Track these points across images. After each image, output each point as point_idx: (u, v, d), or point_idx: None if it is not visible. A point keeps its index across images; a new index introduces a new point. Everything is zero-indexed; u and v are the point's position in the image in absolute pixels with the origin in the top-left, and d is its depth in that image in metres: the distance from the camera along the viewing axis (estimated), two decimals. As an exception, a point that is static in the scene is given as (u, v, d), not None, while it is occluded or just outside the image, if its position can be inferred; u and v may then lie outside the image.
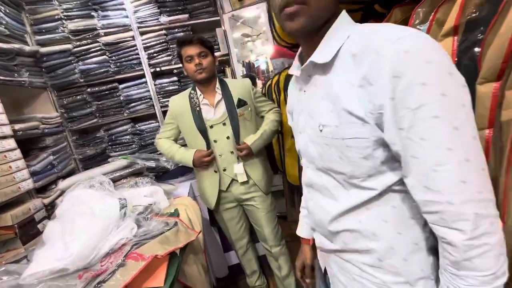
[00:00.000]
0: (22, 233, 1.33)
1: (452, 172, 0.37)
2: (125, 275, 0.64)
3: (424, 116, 0.37)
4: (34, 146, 1.71)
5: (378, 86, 0.39)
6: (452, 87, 0.37)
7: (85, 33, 1.88)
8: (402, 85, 0.37)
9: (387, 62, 0.38)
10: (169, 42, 2.02)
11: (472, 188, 0.37)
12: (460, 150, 0.37)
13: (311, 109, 0.52)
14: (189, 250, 0.88)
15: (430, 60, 0.36)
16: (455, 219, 0.38)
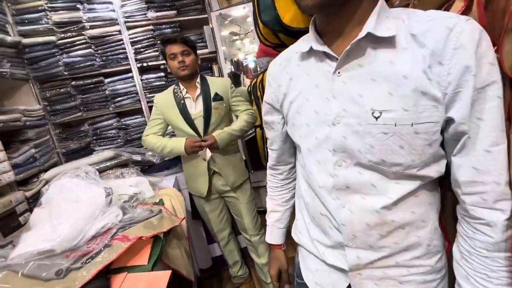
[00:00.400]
0: (2, 225, 1.33)
1: (503, 153, 0.38)
2: (112, 253, 0.68)
3: (490, 95, 0.37)
4: (15, 139, 1.68)
5: (454, 64, 0.38)
6: (496, 72, 0.38)
7: (70, 25, 1.86)
8: (482, 63, 0.37)
9: (466, 38, 0.37)
10: (156, 37, 2.03)
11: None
12: (504, 134, 0.38)
13: (356, 93, 0.45)
14: (173, 235, 0.94)
15: (490, 45, 0.38)
16: (498, 199, 0.39)
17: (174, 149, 1.33)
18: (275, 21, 1.13)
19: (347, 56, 0.45)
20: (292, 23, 1.05)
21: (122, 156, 1.30)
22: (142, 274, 0.67)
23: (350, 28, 0.45)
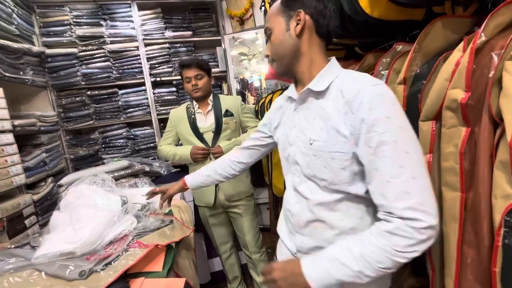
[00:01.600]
0: (9, 227, 1.34)
1: (400, 184, 0.50)
2: (130, 259, 0.72)
3: (386, 140, 0.51)
4: (27, 143, 1.74)
5: (358, 115, 0.53)
6: (407, 124, 0.53)
7: (92, 39, 1.98)
8: (374, 115, 0.51)
9: (366, 98, 0.53)
10: (171, 55, 2.16)
11: (414, 199, 0.49)
12: (408, 169, 0.50)
13: (303, 126, 0.65)
14: (182, 246, 0.97)
15: (394, 103, 0.53)
16: (394, 217, 0.52)
17: (182, 155, 1.43)
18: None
19: (302, 100, 0.67)
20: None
21: (135, 166, 1.35)
22: (159, 279, 0.71)
23: (304, 83, 0.66)
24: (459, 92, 0.53)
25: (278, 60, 0.67)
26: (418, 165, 0.51)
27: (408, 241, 0.49)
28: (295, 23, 0.62)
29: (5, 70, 1.48)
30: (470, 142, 0.54)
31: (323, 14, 0.62)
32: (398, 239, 0.50)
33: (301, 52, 0.64)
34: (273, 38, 0.65)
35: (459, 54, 0.53)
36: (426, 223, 0.48)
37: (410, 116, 0.67)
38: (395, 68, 0.72)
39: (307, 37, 0.63)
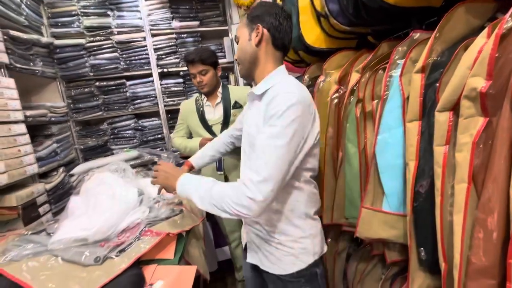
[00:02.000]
0: (24, 214, 1.39)
1: (256, 163, 0.66)
2: (142, 246, 0.74)
3: (267, 130, 0.67)
4: (39, 133, 1.77)
5: (267, 111, 0.69)
6: (291, 126, 0.66)
7: (99, 30, 1.97)
8: (271, 113, 0.67)
9: (275, 100, 0.68)
10: (178, 45, 2.14)
11: (258, 177, 0.64)
12: (268, 156, 0.65)
13: (249, 123, 0.82)
14: (192, 235, 0.99)
15: (290, 107, 0.66)
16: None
17: (192, 148, 1.45)
18: (297, 39, 1.22)
19: (251, 101, 0.84)
20: (315, 43, 1.14)
21: (144, 157, 1.37)
22: (171, 266, 0.72)
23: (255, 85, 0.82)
24: (479, 80, 0.51)
25: (241, 63, 0.82)
26: (277, 158, 0.64)
27: (237, 199, 0.64)
28: (255, 34, 0.76)
29: (16, 61, 1.49)
30: (486, 132, 0.53)
31: (278, 29, 0.77)
32: (233, 193, 0.65)
33: (258, 59, 0.79)
34: (239, 45, 0.81)
35: (483, 40, 0.51)
36: (252, 194, 0.63)
37: (427, 106, 0.65)
38: (412, 57, 0.69)
39: (263, 47, 0.77)
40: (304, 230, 0.80)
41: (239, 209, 0.64)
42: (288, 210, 0.78)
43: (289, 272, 0.80)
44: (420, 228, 0.72)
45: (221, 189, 0.68)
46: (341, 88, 1.05)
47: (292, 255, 0.79)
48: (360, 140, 0.95)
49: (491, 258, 0.49)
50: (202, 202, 0.69)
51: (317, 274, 0.83)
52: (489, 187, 0.51)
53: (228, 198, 0.65)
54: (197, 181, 0.73)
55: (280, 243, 0.80)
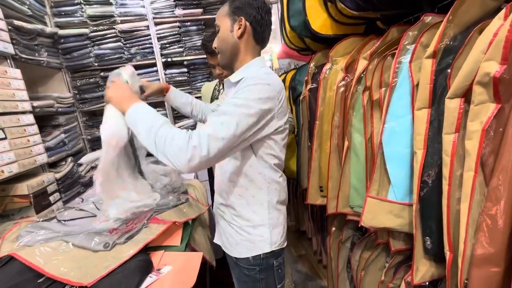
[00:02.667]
0: (36, 202, 1.43)
1: (213, 121, 0.66)
2: (149, 233, 0.76)
3: (233, 101, 0.68)
4: (47, 124, 1.79)
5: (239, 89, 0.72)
6: (253, 99, 0.67)
7: (102, 19, 1.95)
8: (242, 86, 0.70)
9: (241, 84, 0.71)
10: (182, 34, 2.11)
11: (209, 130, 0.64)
12: (226, 118, 0.66)
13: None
14: (198, 222, 1.01)
15: (255, 85, 0.69)
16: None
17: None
18: (303, 26, 1.19)
19: (228, 88, 0.86)
20: (321, 29, 1.11)
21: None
22: (178, 253, 0.74)
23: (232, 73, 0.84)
24: (493, 64, 0.49)
25: (222, 53, 0.82)
26: (234, 123, 0.65)
27: (181, 144, 0.62)
28: (237, 26, 0.77)
29: (22, 52, 1.50)
30: (497, 119, 0.51)
31: (260, 23, 0.78)
32: (179, 137, 0.64)
33: (239, 51, 0.80)
34: (220, 34, 0.80)
35: (499, 22, 0.48)
36: (198, 143, 0.62)
37: (437, 93, 0.63)
38: (423, 42, 0.67)
39: (245, 40, 0.79)
40: (263, 219, 0.81)
41: (179, 154, 0.62)
42: (250, 196, 0.80)
43: (243, 256, 0.82)
44: (426, 217, 0.71)
45: (170, 130, 0.65)
46: (348, 75, 1.02)
47: (249, 241, 0.81)
48: (367, 129, 0.93)
49: (497, 246, 0.48)
50: (147, 136, 0.66)
51: (273, 266, 0.84)
52: (498, 175, 0.50)
53: (172, 141, 0.63)
54: (151, 113, 0.70)
55: (240, 227, 0.82)
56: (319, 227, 1.72)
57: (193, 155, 0.62)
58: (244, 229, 0.81)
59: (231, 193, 0.81)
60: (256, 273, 0.83)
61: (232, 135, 0.64)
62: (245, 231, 0.81)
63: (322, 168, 1.22)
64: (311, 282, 1.80)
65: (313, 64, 1.28)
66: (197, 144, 0.62)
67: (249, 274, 0.83)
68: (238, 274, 0.87)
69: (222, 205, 0.87)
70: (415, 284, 0.76)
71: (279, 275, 0.86)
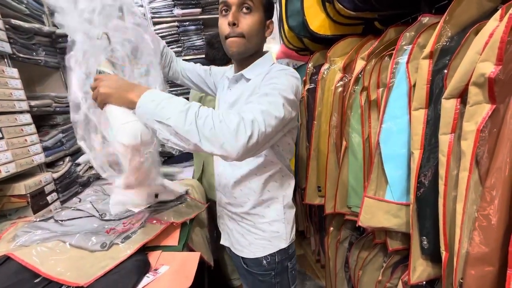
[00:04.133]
0: (33, 202, 1.42)
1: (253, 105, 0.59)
2: (147, 234, 0.76)
3: (265, 89, 0.63)
4: (44, 123, 1.79)
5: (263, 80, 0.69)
6: (289, 85, 0.65)
7: (100, 18, 1.95)
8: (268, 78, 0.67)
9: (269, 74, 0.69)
10: (180, 34, 2.11)
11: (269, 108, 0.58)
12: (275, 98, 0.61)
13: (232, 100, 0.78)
14: (196, 222, 1.01)
15: (287, 74, 0.68)
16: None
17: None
18: (302, 26, 1.19)
19: (235, 81, 0.81)
20: (319, 30, 1.11)
21: (148, 146, 1.39)
22: (175, 253, 0.74)
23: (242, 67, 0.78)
24: (488, 65, 0.49)
25: (248, 41, 0.72)
26: (279, 103, 0.60)
27: (236, 121, 0.53)
28: (268, 27, 0.76)
29: (19, 51, 1.49)
30: (492, 120, 0.51)
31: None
32: (229, 115, 0.54)
33: (260, 49, 0.78)
34: (255, 19, 0.71)
35: (495, 23, 0.48)
36: (253, 118, 0.55)
37: (434, 93, 0.64)
38: (420, 42, 0.67)
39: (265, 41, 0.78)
40: (279, 214, 0.79)
41: (237, 134, 0.52)
42: (265, 191, 0.77)
43: (258, 256, 0.79)
44: (422, 217, 0.72)
45: (211, 110, 0.55)
46: (345, 76, 1.03)
47: (264, 239, 0.78)
48: (364, 129, 0.94)
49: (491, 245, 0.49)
50: (183, 122, 0.52)
51: (288, 268, 0.82)
52: (493, 175, 0.50)
53: (222, 122, 0.52)
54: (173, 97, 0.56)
55: (253, 225, 0.79)
56: (317, 227, 1.73)
57: (253, 131, 0.53)
58: (258, 227, 0.78)
59: (243, 189, 0.77)
60: (272, 278, 0.80)
61: (281, 117, 0.59)
62: (259, 229, 0.78)
63: (320, 168, 1.22)
64: (310, 282, 1.81)
65: (311, 64, 1.28)
66: (253, 118, 0.54)
67: (264, 280, 0.81)
68: (252, 281, 0.84)
69: (229, 204, 0.82)
70: (412, 283, 0.76)
71: (292, 276, 0.85)
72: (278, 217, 0.79)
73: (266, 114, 0.56)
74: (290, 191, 0.82)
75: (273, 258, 0.79)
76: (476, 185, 0.53)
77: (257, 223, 0.79)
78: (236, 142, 0.52)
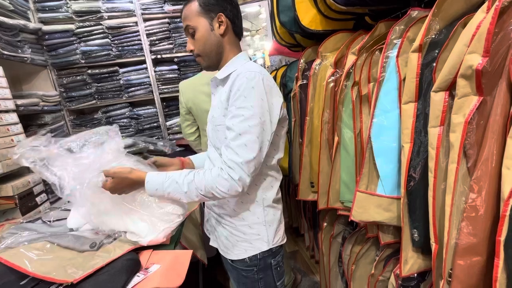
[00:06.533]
0: (21, 204, 1.39)
1: (231, 145, 0.68)
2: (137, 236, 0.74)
3: (238, 113, 0.67)
4: (32, 123, 1.74)
5: (231, 92, 0.69)
6: (259, 104, 0.67)
7: (88, 14, 1.90)
8: (237, 95, 0.68)
9: (237, 80, 0.69)
10: (171, 30, 2.08)
11: (245, 155, 0.67)
12: (244, 137, 0.67)
13: (213, 106, 0.83)
14: (189, 220, 1.00)
15: (253, 87, 0.67)
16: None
17: None
18: (293, 22, 1.18)
19: (215, 86, 0.84)
20: (310, 25, 1.10)
21: (139, 144, 1.36)
22: (167, 251, 0.73)
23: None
24: (476, 57, 0.49)
25: (205, 56, 0.78)
26: (255, 137, 0.67)
27: (225, 184, 0.67)
28: (217, 24, 0.74)
29: (3, 48, 1.45)
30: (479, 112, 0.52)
31: (236, 15, 0.77)
32: (219, 180, 0.67)
33: (224, 49, 0.78)
34: (199, 36, 0.75)
35: (482, 15, 0.49)
36: (238, 175, 0.66)
37: (423, 87, 0.64)
38: (409, 36, 0.67)
39: (227, 36, 0.77)
40: (259, 216, 0.79)
41: (229, 192, 0.67)
42: (245, 194, 0.78)
43: (240, 258, 0.80)
44: (413, 210, 0.72)
45: (205, 177, 0.69)
46: (337, 71, 1.02)
47: (245, 241, 0.79)
48: (356, 125, 0.94)
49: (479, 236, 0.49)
50: (188, 196, 0.70)
51: (271, 265, 0.83)
52: (480, 167, 0.51)
53: (216, 185, 0.67)
54: (169, 177, 0.71)
55: (234, 227, 0.80)
56: (311, 223, 1.73)
57: (243, 187, 0.68)
58: (239, 229, 0.79)
59: None
60: (254, 273, 0.81)
61: (258, 150, 0.67)
62: (240, 231, 0.79)
63: (312, 164, 1.22)
64: (304, 278, 1.82)
65: (303, 60, 1.27)
66: (237, 176, 0.66)
67: (247, 275, 0.82)
68: (236, 276, 0.85)
69: (214, 206, 0.84)
70: (404, 276, 0.77)
71: (278, 273, 0.85)
72: (258, 219, 0.79)
73: (244, 164, 0.66)
74: (271, 193, 0.81)
75: (254, 256, 0.80)
76: (464, 177, 0.53)
77: (238, 225, 0.80)
78: (232, 194, 0.68)
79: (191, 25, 0.74)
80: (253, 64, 0.76)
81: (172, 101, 2.21)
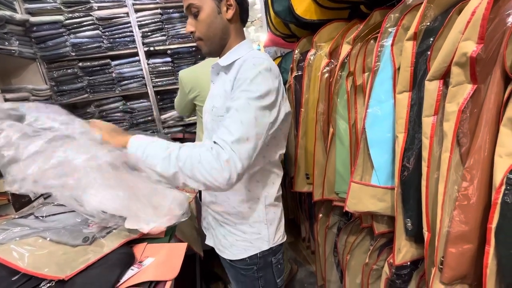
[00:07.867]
0: (14, 200, 1.38)
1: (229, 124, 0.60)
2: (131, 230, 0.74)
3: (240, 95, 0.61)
4: (23, 117, 1.71)
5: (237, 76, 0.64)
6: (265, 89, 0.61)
7: (78, 5, 1.85)
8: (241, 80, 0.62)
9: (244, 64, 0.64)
10: (164, 22, 2.03)
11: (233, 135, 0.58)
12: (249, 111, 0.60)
13: (213, 94, 0.76)
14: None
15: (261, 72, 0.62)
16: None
17: None
18: (287, 11, 1.16)
19: (216, 74, 0.79)
20: (305, 14, 1.08)
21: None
22: (161, 244, 0.73)
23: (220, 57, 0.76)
24: (470, 44, 0.49)
25: (208, 40, 0.72)
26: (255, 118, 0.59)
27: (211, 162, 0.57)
28: (225, 7, 0.69)
29: (-11, 40, 1.40)
30: (473, 100, 0.52)
31: (246, 0, 0.72)
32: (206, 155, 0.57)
33: (229, 35, 0.73)
34: (203, 17, 0.68)
35: (477, 1, 0.47)
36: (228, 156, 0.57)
37: (417, 76, 0.63)
38: (404, 24, 0.66)
39: (234, 21, 0.72)
40: (260, 215, 0.76)
41: (216, 174, 0.56)
42: (246, 190, 0.74)
43: (239, 258, 0.77)
44: (406, 199, 0.73)
45: (191, 151, 0.58)
46: (332, 61, 1.01)
47: (245, 240, 0.76)
48: (351, 115, 0.93)
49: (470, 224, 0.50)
50: (167, 166, 0.58)
51: (271, 263, 0.80)
52: (473, 155, 0.50)
53: (199, 163, 0.56)
54: (156, 140, 0.62)
55: (234, 226, 0.77)
56: (307, 215, 1.75)
57: (231, 173, 0.57)
58: (238, 228, 0.76)
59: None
60: (254, 272, 0.79)
61: (256, 133, 0.59)
62: (240, 230, 0.76)
63: (308, 156, 1.22)
64: (301, 268, 1.84)
65: (298, 51, 1.26)
66: (229, 157, 0.56)
67: (246, 274, 0.79)
68: (235, 274, 0.82)
69: (213, 203, 0.80)
70: (397, 264, 0.78)
71: (278, 270, 0.82)
72: (260, 218, 0.76)
73: (239, 146, 0.58)
74: (273, 190, 0.78)
75: (254, 255, 0.77)
76: (457, 166, 0.53)
77: (238, 223, 0.77)
78: (217, 180, 0.57)
79: (195, 4, 0.67)
80: (260, 52, 0.72)
81: (166, 94, 2.18)
